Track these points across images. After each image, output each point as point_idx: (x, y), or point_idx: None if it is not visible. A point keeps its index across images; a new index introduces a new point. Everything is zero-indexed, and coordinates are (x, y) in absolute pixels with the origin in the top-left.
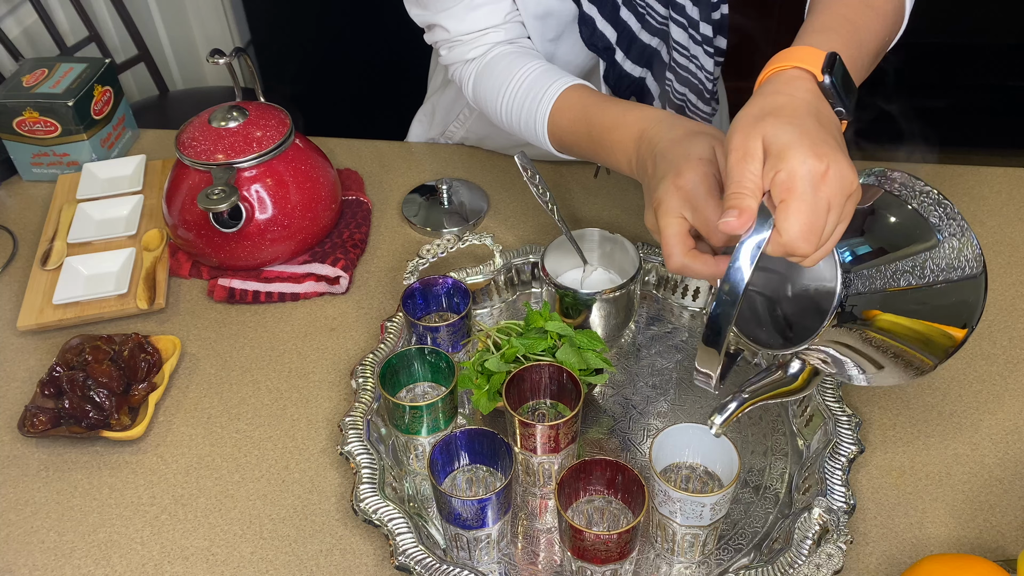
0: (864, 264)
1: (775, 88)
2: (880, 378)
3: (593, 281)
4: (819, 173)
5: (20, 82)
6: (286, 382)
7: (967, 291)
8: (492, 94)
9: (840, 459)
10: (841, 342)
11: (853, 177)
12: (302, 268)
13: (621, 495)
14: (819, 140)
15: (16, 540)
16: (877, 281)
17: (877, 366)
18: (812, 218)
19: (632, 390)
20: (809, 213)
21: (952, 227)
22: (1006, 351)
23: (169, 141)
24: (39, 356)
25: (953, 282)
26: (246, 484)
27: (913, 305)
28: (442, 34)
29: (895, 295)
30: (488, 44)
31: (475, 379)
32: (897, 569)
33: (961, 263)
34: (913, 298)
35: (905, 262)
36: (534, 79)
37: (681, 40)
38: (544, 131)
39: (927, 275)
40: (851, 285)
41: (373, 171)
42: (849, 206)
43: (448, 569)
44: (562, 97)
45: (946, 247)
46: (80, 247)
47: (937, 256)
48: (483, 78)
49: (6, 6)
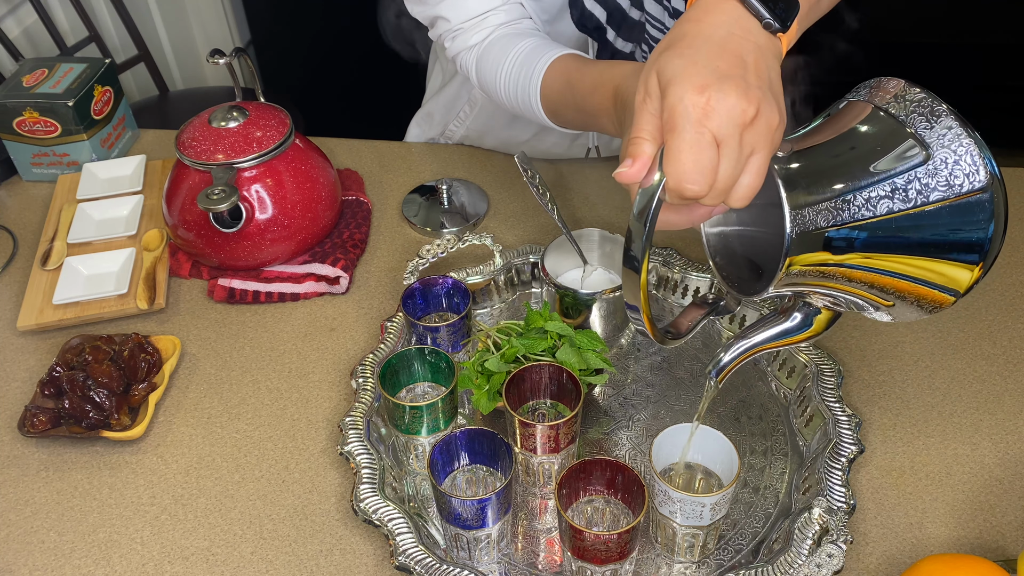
0: (828, 194)
1: (688, 16)
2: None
3: (593, 281)
4: (699, 107)
5: (20, 82)
6: (286, 382)
7: (969, 213)
8: (491, 75)
9: (840, 459)
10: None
11: (745, 105)
12: (302, 268)
13: (621, 495)
14: (706, 70)
15: (16, 540)
16: (844, 212)
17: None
18: (695, 156)
19: (632, 390)
20: (690, 151)
21: (947, 138)
22: (1006, 351)
23: (169, 141)
24: (39, 356)
25: (950, 203)
26: (246, 484)
27: (900, 236)
28: (444, 25)
29: (875, 225)
30: (490, 27)
31: (475, 379)
32: (897, 569)
33: (958, 179)
34: (898, 227)
35: (883, 186)
36: (527, 55)
37: (655, 13)
38: (539, 106)
39: (912, 198)
40: (807, 221)
41: (373, 171)
42: (752, 137)
43: (448, 569)
44: (549, 69)
45: (937, 162)
46: (80, 247)
47: (925, 174)
48: (483, 61)
49: (6, 6)
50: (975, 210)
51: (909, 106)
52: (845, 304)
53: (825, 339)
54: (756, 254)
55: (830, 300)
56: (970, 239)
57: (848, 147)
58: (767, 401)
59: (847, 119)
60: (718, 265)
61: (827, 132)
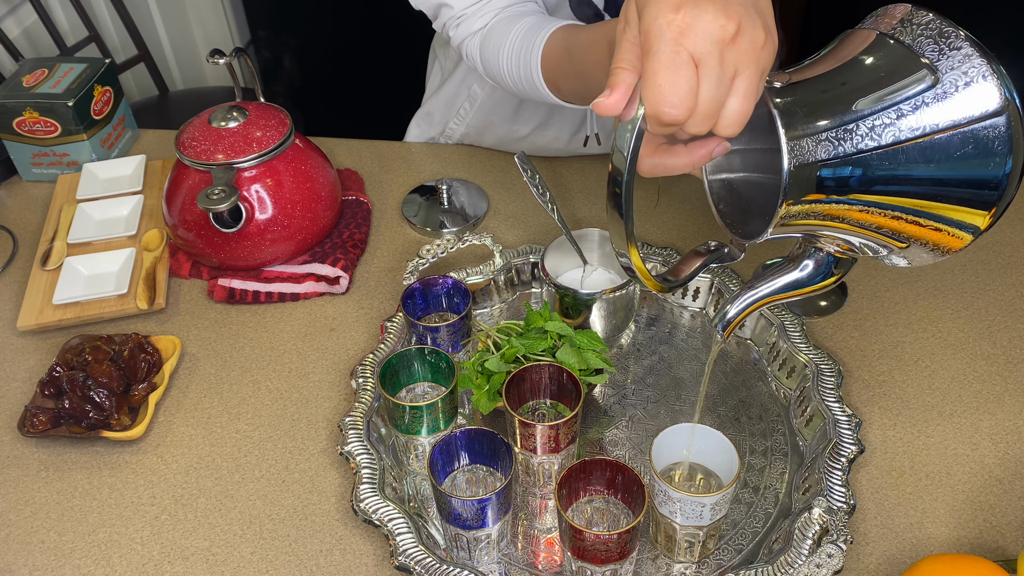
0: (828, 123)
1: None
2: (913, 255)
3: (593, 281)
4: (675, 25)
5: (20, 82)
6: (286, 382)
7: (983, 142)
8: (494, 58)
9: (840, 459)
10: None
11: (724, 21)
12: (302, 268)
13: (621, 495)
14: None
15: (16, 540)
16: (847, 143)
17: (895, 244)
18: (672, 76)
19: (632, 390)
20: (666, 72)
21: (956, 58)
22: (1006, 351)
23: (169, 141)
24: (39, 356)
25: (962, 130)
26: (246, 484)
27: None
28: (447, 13)
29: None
30: (493, 11)
31: (475, 379)
32: (897, 569)
33: (969, 104)
34: (906, 158)
35: (888, 112)
36: (526, 32)
37: None
38: (540, 78)
39: (920, 125)
40: (806, 152)
41: (373, 171)
42: (735, 55)
43: (448, 569)
44: (548, 41)
45: (947, 85)
46: (80, 247)
47: (933, 98)
48: (485, 46)
49: (6, 6)
50: (990, 139)
51: (916, 30)
52: (858, 247)
53: (825, 339)
54: (760, 200)
55: (840, 244)
56: (985, 173)
57: (851, 75)
58: (767, 401)
59: (850, 48)
60: (722, 213)
61: (829, 62)
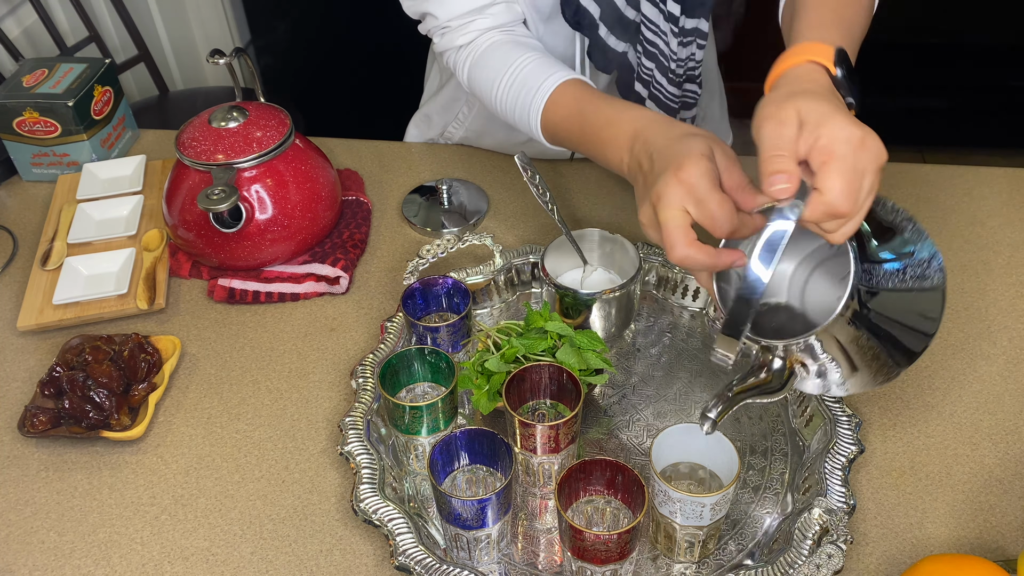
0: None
1: (795, 78)
2: (853, 383)
3: (593, 281)
4: (858, 139)
5: (20, 82)
6: (286, 382)
7: (932, 301)
8: (487, 85)
9: (840, 459)
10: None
11: (884, 149)
12: (302, 268)
13: (621, 495)
14: (850, 116)
15: (16, 540)
16: (872, 279)
17: (853, 368)
18: (853, 179)
19: (632, 390)
20: (850, 173)
21: (920, 241)
22: (1006, 351)
23: (169, 141)
24: (39, 356)
25: (924, 290)
26: (246, 484)
27: (894, 307)
28: (432, 21)
29: (884, 296)
30: (477, 31)
31: (475, 379)
32: (897, 569)
33: (931, 274)
34: (895, 300)
35: (892, 265)
36: (529, 72)
37: (650, 14)
38: (537, 125)
39: (907, 280)
40: (860, 276)
41: (373, 171)
42: (878, 179)
43: (448, 569)
44: (557, 92)
45: (918, 258)
46: (80, 247)
47: (914, 264)
48: (478, 68)
49: (6, 6)
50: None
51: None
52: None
53: None
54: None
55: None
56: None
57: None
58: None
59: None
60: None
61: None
